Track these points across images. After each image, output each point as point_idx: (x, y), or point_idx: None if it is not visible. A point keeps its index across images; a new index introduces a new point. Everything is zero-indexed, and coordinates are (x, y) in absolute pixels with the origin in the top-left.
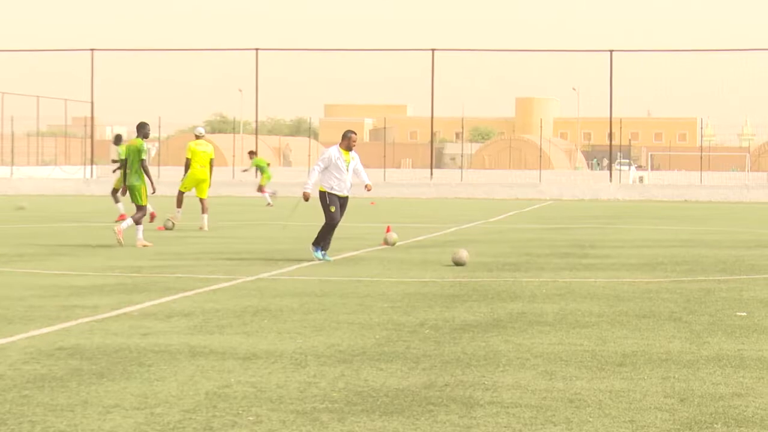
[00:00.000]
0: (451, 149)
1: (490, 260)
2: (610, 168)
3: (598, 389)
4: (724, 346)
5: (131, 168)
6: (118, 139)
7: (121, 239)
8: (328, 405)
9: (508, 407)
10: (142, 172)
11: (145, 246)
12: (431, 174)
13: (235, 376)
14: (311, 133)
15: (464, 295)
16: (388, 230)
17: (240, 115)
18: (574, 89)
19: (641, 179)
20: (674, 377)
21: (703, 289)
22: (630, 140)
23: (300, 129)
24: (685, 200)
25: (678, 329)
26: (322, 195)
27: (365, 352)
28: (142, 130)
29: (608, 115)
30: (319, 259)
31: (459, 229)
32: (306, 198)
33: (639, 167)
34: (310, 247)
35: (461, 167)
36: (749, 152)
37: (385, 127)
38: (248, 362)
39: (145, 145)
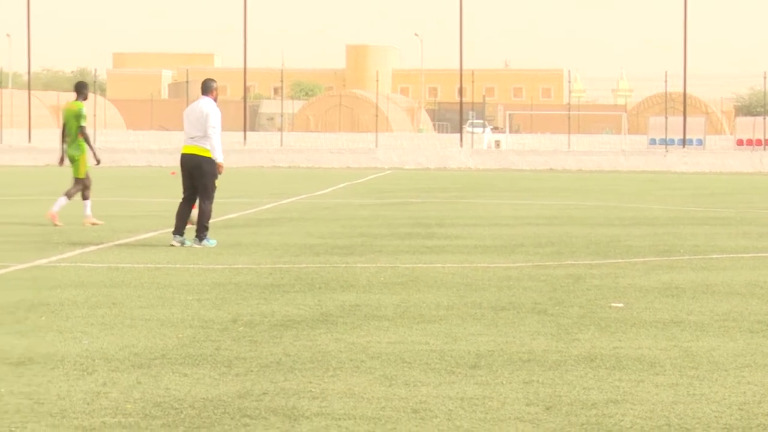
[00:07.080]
0: (268, 107)
1: (316, 242)
2: (460, 130)
3: (447, 396)
4: (597, 343)
5: (70, 136)
6: None
7: (57, 221)
8: (120, 419)
9: (339, 419)
10: (83, 140)
11: (94, 224)
12: (244, 138)
13: (6, 385)
14: (97, 87)
15: (286, 285)
16: (192, 206)
17: (8, 65)
18: (416, 35)
19: (498, 144)
20: (538, 381)
21: (572, 276)
22: (484, 97)
23: None
24: (551, 169)
25: (542, 324)
26: (215, 165)
27: (166, 354)
28: (83, 91)
29: (458, 67)
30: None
31: (278, 204)
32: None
33: (495, 129)
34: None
35: (281, 130)
36: (626, 111)
37: (187, 81)
38: (22, 368)
39: (84, 109)
